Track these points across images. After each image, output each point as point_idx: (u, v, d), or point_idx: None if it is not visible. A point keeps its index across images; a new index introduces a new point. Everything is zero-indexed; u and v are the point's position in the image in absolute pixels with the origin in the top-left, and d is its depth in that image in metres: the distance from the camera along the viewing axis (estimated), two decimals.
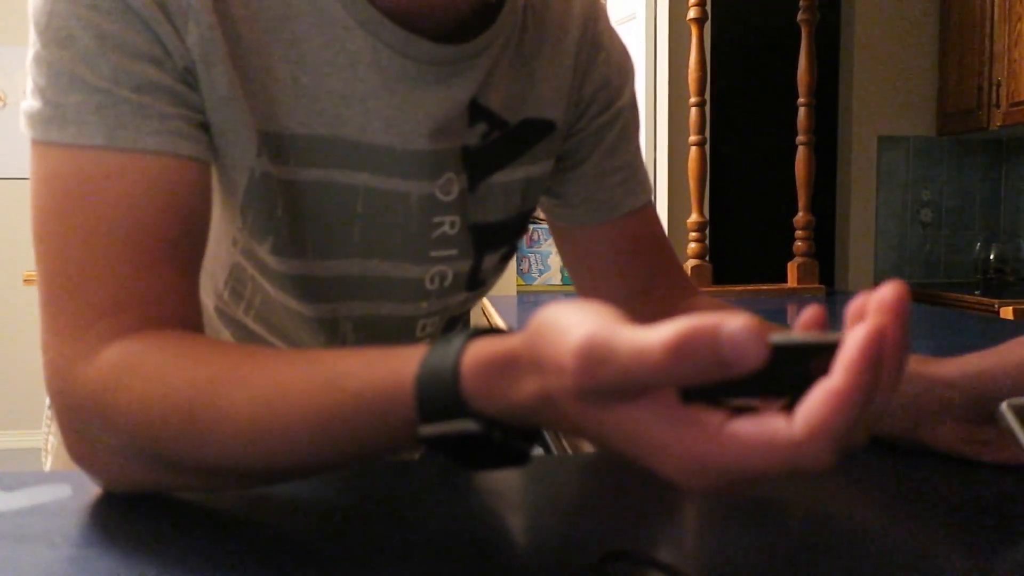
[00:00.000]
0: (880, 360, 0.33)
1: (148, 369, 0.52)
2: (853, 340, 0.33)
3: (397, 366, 0.44)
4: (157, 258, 0.56)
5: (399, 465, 0.65)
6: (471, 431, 0.41)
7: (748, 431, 0.34)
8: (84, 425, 0.54)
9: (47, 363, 0.55)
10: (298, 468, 0.50)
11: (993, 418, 0.62)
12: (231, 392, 0.49)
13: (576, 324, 0.36)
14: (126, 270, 0.55)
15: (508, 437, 0.41)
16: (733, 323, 0.32)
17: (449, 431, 0.41)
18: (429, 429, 0.42)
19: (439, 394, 0.41)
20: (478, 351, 0.41)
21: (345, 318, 0.75)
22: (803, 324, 0.39)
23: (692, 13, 2.23)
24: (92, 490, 0.56)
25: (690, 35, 2.27)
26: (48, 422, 0.93)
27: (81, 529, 0.51)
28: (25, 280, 3.35)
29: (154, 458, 0.52)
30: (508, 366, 0.39)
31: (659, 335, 0.33)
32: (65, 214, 0.55)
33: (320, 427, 0.46)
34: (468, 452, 0.42)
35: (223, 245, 0.71)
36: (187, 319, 0.57)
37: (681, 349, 0.32)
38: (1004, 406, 0.60)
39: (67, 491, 0.56)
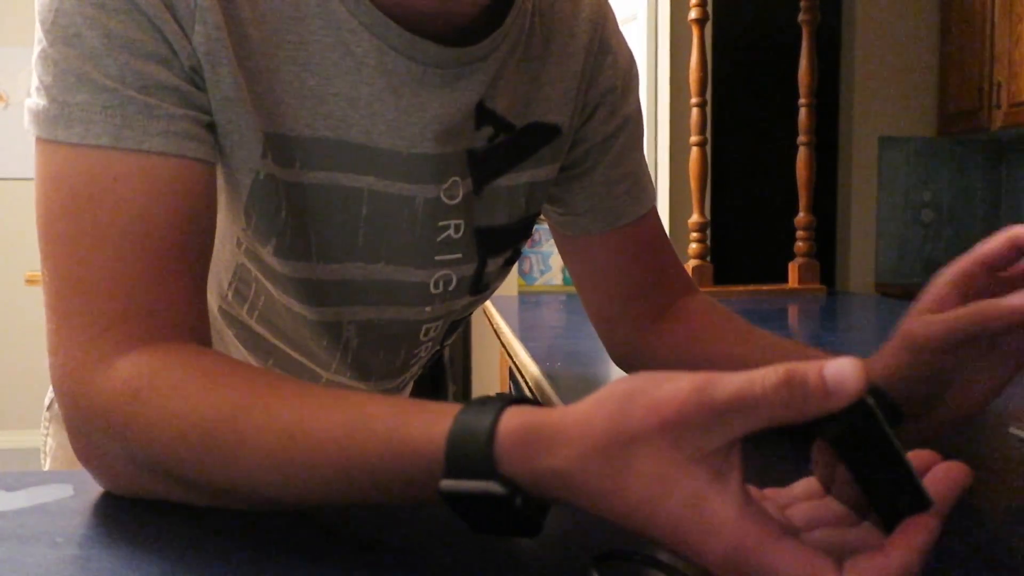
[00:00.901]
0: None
1: (168, 386, 0.51)
2: (922, 530, 0.36)
3: (430, 419, 0.43)
4: (166, 265, 0.55)
5: None
6: (495, 493, 0.40)
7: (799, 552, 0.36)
8: (95, 432, 0.54)
9: (57, 366, 0.55)
10: (312, 501, 0.50)
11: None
12: (255, 420, 0.48)
13: (677, 377, 0.38)
14: (136, 277, 0.54)
15: (527, 505, 0.41)
16: (836, 359, 0.36)
17: (472, 489, 0.41)
18: (451, 484, 0.41)
19: (470, 451, 0.41)
20: (517, 415, 0.41)
21: (349, 322, 0.75)
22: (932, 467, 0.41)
23: (693, 14, 2.23)
24: (94, 490, 0.56)
25: (691, 36, 2.26)
26: (46, 424, 0.92)
27: (83, 529, 0.51)
28: (27, 281, 3.35)
29: (166, 474, 0.52)
30: (546, 434, 0.40)
31: (771, 367, 0.36)
32: (73, 215, 0.55)
33: (342, 466, 0.46)
34: (484, 514, 0.42)
35: (227, 246, 0.71)
36: (196, 328, 0.57)
37: (792, 377, 0.36)
38: (1013, 430, 0.62)
39: (69, 491, 0.56)
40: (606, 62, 0.79)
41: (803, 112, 2.23)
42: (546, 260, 2.58)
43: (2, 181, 4.62)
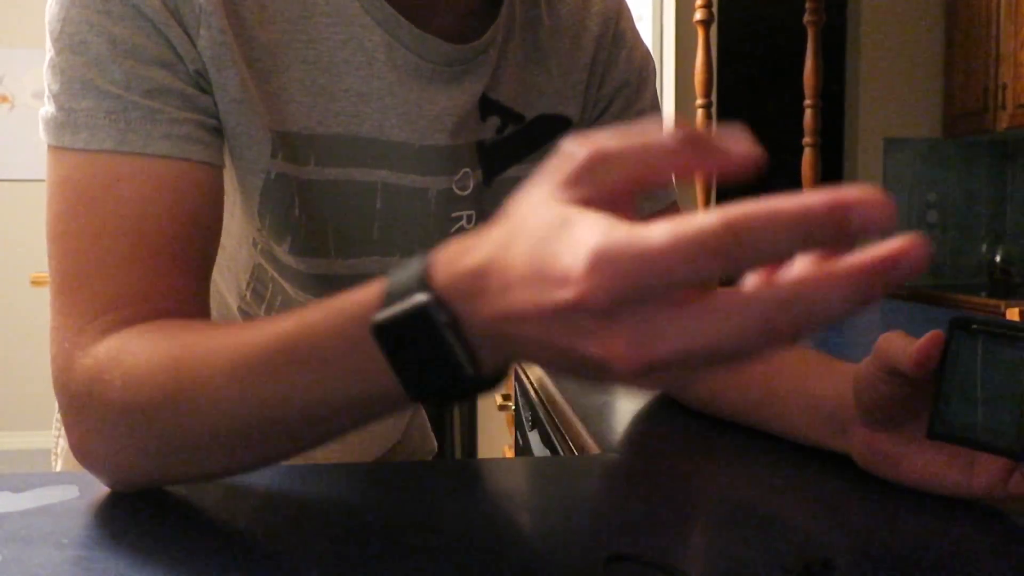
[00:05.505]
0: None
1: (137, 347, 0.52)
2: None
3: (366, 289, 0.43)
4: (161, 257, 0.56)
5: (405, 467, 0.65)
6: (421, 303, 0.38)
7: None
8: (84, 413, 0.54)
9: (52, 359, 0.56)
10: (275, 417, 0.48)
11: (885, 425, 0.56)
12: (211, 344, 0.49)
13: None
14: (129, 267, 0.55)
15: (458, 333, 0.38)
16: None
17: (400, 310, 0.39)
18: (382, 314, 0.40)
19: (402, 276, 0.40)
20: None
21: None
22: None
23: (698, 15, 2.23)
24: (99, 491, 0.56)
25: (696, 37, 2.26)
26: (58, 424, 0.93)
27: (88, 530, 0.51)
28: (32, 282, 3.36)
29: (147, 435, 0.51)
30: (469, 243, 0.38)
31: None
32: (75, 216, 0.56)
33: (289, 350, 0.45)
34: (422, 353, 0.39)
35: (244, 247, 0.72)
36: (190, 317, 0.57)
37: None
38: None
39: (74, 492, 0.57)
40: (620, 56, 0.80)
41: (808, 113, 2.23)
42: None
43: (8, 183, 4.63)
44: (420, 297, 0.38)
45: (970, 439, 0.49)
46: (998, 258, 3.80)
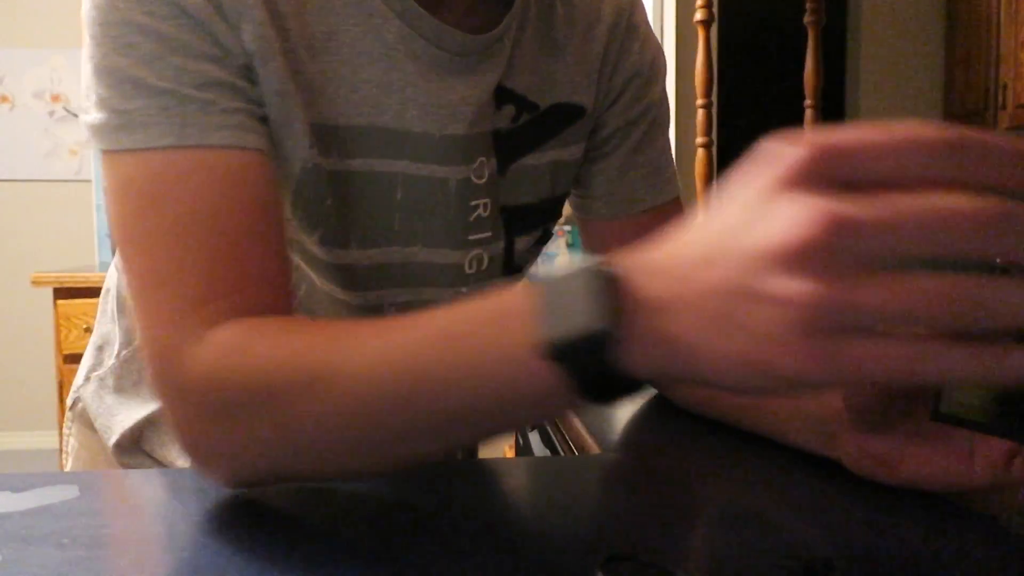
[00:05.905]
0: None
1: (269, 336, 0.52)
2: None
3: (519, 288, 0.43)
4: (242, 245, 0.56)
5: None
6: (600, 334, 0.38)
7: None
8: (202, 403, 0.53)
9: (150, 356, 0.55)
10: (422, 409, 0.46)
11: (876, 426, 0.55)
12: (352, 340, 0.49)
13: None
14: (214, 260, 0.55)
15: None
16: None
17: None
18: (558, 342, 0.39)
19: (568, 274, 0.40)
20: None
21: (389, 305, 0.76)
22: None
23: (699, 15, 2.23)
24: (99, 491, 0.56)
25: (697, 37, 2.26)
26: (69, 424, 0.93)
27: (89, 530, 0.51)
28: (33, 282, 3.36)
29: (280, 420, 0.50)
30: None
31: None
32: (146, 216, 0.55)
33: (440, 347, 0.45)
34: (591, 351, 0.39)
35: None
36: (277, 303, 0.57)
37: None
38: None
39: (74, 492, 0.57)
40: (633, 47, 0.80)
41: (809, 113, 2.23)
42: (552, 261, 2.59)
43: (8, 183, 4.63)
44: (598, 326, 0.39)
45: (975, 421, 0.49)
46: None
